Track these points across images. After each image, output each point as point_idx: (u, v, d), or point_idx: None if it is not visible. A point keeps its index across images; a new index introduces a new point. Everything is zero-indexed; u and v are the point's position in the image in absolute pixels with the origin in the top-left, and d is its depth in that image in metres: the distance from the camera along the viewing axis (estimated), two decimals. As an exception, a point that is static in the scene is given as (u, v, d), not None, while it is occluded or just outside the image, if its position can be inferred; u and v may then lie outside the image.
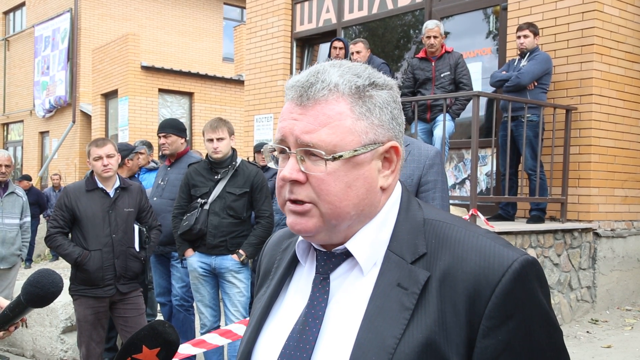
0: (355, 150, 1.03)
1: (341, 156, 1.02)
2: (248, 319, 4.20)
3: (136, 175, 6.30)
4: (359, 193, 1.04)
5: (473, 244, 1.02)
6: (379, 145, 1.06)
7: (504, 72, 6.23)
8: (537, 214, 6.16)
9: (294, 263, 1.20)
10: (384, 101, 1.07)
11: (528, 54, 6.10)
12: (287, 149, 1.06)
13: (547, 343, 0.99)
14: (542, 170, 6.11)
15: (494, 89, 7.22)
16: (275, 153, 1.11)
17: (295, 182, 1.05)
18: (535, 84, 6.04)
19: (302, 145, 1.04)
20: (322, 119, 1.03)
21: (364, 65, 1.10)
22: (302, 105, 1.05)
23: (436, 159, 2.96)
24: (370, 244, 1.07)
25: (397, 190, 1.13)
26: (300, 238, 1.16)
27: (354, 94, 1.04)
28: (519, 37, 6.13)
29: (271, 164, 1.22)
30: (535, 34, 6.12)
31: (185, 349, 4.10)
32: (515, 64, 6.22)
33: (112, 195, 4.43)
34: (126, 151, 5.76)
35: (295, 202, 1.06)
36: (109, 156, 4.35)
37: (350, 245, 1.07)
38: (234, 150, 4.65)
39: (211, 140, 4.50)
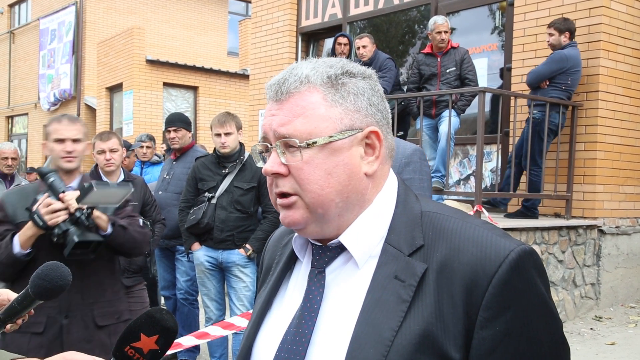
0: (331, 137, 1.05)
1: (315, 142, 1.04)
2: (251, 311, 4.20)
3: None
4: (340, 180, 1.05)
5: (470, 234, 1.02)
6: (358, 131, 1.07)
7: None
8: (522, 210, 6.18)
9: (293, 259, 1.21)
10: (359, 88, 1.08)
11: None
12: (269, 145, 1.09)
13: (546, 333, 0.99)
14: (536, 168, 6.07)
15: (500, 84, 7.22)
16: (263, 153, 1.13)
17: (278, 175, 1.07)
18: (547, 82, 5.98)
19: (279, 137, 1.06)
20: (296, 110, 1.06)
21: (339, 59, 1.12)
22: (278, 101, 1.08)
23: (413, 157, 2.86)
24: (364, 236, 1.08)
25: (393, 183, 1.14)
26: (297, 233, 1.16)
27: (325, 83, 1.07)
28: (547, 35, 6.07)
29: (259, 164, 1.22)
30: (560, 30, 5.95)
31: (188, 340, 4.12)
32: None
33: None
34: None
35: (282, 195, 1.08)
36: (112, 150, 4.35)
37: (343, 239, 1.08)
38: (241, 144, 4.66)
39: (219, 135, 4.51)
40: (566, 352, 1.04)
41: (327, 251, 1.11)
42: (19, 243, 2.78)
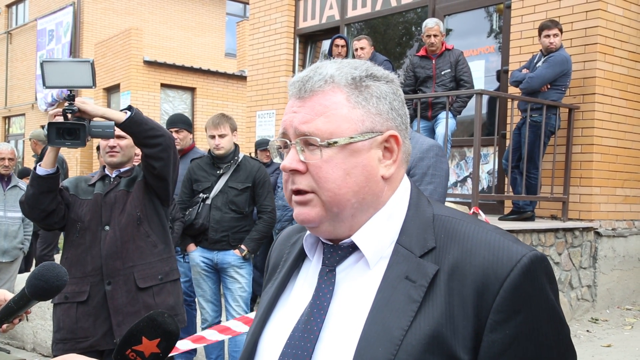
0: (352, 138, 1.06)
1: (336, 142, 1.05)
2: (247, 315, 4.15)
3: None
4: (358, 181, 1.06)
5: (482, 238, 1.03)
6: (378, 134, 1.08)
7: (524, 71, 6.08)
8: (514, 209, 6.21)
9: (301, 256, 1.21)
10: (382, 92, 1.10)
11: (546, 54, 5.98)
12: (288, 141, 1.10)
13: (554, 339, 1.00)
14: (534, 171, 6.08)
15: (497, 87, 7.23)
16: (281, 149, 1.14)
17: (296, 172, 1.08)
18: (549, 86, 5.96)
19: (300, 135, 1.07)
20: (319, 109, 1.06)
21: (363, 61, 1.13)
22: (301, 98, 1.09)
23: (429, 153, 2.85)
24: (376, 237, 1.08)
25: (406, 186, 1.15)
26: (308, 232, 1.17)
27: (350, 84, 1.08)
28: (547, 36, 5.91)
29: (277, 160, 1.22)
30: (561, 31, 5.94)
31: (184, 344, 4.11)
32: (535, 61, 6.09)
33: None
34: None
35: (298, 192, 1.09)
36: None
37: (356, 238, 1.08)
38: (236, 145, 4.66)
39: (213, 136, 4.52)
40: (573, 358, 1.05)
41: (339, 250, 1.11)
42: (42, 165, 2.93)
